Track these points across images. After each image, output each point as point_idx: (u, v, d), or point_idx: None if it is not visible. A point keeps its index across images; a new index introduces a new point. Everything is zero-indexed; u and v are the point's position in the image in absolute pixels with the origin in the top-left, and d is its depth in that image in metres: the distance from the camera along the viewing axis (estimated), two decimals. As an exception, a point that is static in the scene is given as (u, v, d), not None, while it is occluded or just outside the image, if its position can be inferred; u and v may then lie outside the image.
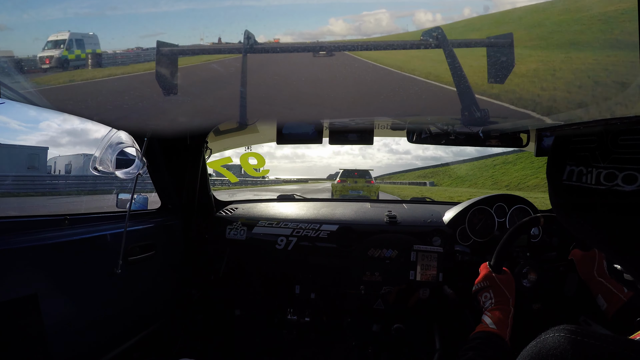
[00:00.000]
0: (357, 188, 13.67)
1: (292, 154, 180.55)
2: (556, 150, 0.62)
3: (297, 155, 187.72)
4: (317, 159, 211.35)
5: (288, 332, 2.02)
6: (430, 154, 58.45)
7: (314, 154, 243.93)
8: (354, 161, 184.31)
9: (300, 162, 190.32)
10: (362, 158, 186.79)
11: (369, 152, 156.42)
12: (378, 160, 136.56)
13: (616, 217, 0.53)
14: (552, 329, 0.48)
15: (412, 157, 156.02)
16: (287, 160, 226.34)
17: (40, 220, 1.28)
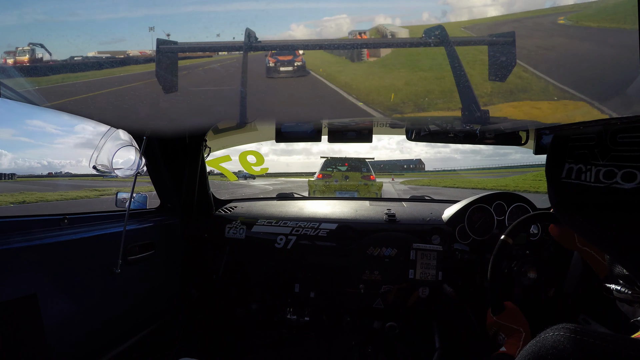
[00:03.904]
0: (349, 187, 8.79)
1: (329, 150, 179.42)
2: (555, 148, 0.62)
3: (333, 151, 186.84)
4: (353, 154, 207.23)
5: (288, 331, 2.02)
6: (467, 147, 56.56)
7: (351, 149, 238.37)
8: (391, 156, 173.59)
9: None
10: (399, 152, 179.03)
11: (407, 145, 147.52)
12: (416, 154, 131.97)
13: (615, 214, 0.53)
14: (552, 328, 0.48)
15: (451, 151, 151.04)
16: (325, 155, 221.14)
17: (39, 220, 1.28)
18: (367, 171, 9.21)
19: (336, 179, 8.83)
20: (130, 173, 1.54)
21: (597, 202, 0.54)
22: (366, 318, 1.87)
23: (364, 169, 9.22)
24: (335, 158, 9.46)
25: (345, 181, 8.82)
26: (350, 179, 8.86)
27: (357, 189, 8.75)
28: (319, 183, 8.82)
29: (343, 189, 8.70)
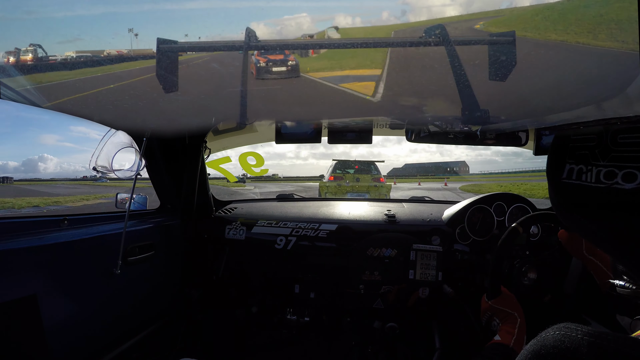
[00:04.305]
0: (360, 189, 9.02)
1: (368, 153, 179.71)
2: (556, 149, 0.62)
3: (372, 154, 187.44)
4: (393, 157, 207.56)
5: (288, 331, 2.02)
6: (509, 150, 56.43)
7: (391, 152, 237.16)
8: (430, 159, 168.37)
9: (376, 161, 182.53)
10: (439, 155, 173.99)
11: (447, 148, 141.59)
12: (457, 157, 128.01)
13: (616, 215, 0.53)
14: (552, 327, 0.48)
15: (492, 153, 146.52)
16: (363, 159, 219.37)
17: (39, 221, 1.28)
18: (377, 173, 9.53)
19: (348, 180, 9.13)
20: (130, 174, 1.54)
21: (598, 203, 0.54)
22: (366, 318, 1.87)
23: (374, 171, 9.57)
24: (345, 161, 9.82)
25: (356, 183, 9.10)
26: (361, 180, 9.15)
27: (368, 190, 8.99)
28: (331, 185, 9.13)
29: (355, 190, 8.93)
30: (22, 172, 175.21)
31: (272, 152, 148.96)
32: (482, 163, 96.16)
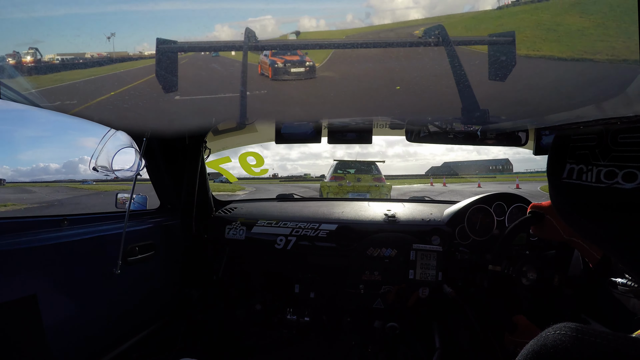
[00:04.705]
0: (361, 189, 8.96)
1: (404, 152, 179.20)
2: (556, 149, 0.62)
3: (409, 154, 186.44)
4: (429, 156, 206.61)
5: (288, 331, 2.02)
6: None
7: (427, 151, 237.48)
8: (467, 157, 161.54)
9: (413, 160, 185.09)
10: (477, 154, 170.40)
11: (484, 147, 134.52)
12: (494, 155, 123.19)
13: (616, 215, 0.53)
14: (553, 327, 0.48)
15: (530, 151, 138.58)
16: (400, 159, 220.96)
17: (39, 221, 1.28)
18: (378, 173, 9.48)
19: (349, 181, 9.06)
20: (130, 174, 1.54)
21: (598, 203, 0.54)
22: (366, 319, 1.87)
23: (374, 171, 9.51)
24: (346, 161, 9.81)
25: (357, 183, 9.04)
26: (362, 180, 9.10)
27: (369, 190, 8.94)
28: (332, 185, 9.02)
29: (356, 190, 8.87)
30: (63, 174, 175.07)
31: (308, 152, 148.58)
32: (521, 161, 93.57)
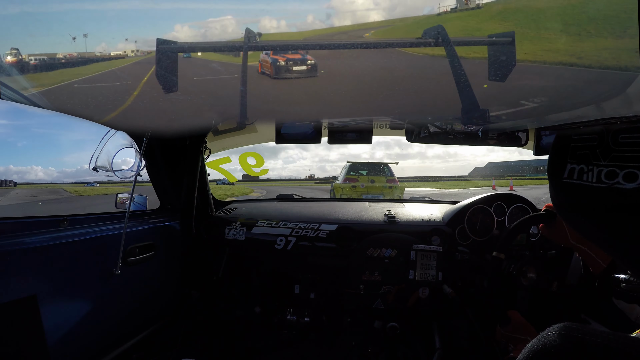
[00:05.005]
0: (375, 191, 8.91)
1: (444, 153, 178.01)
2: (557, 149, 0.62)
3: (449, 155, 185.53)
4: (470, 157, 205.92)
5: (288, 332, 2.02)
6: None
7: (467, 152, 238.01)
8: (509, 157, 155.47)
9: (453, 161, 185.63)
10: (518, 154, 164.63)
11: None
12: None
13: (617, 215, 0.53)
14: (553, 327, 0.48)
15: None
16: (440, 159, 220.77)
17: (39, 221, 1.28)
18: (391, 175, 9.52)
19: (362, 182, 9.09)
20: (130, 174, 1.54)
21: (599, 203, 0.54)
22: (366, 319, 1.86)
23: (387, 173, 9.56)
24: (359, 162, 9.81)
25: (371, 185, 9.06)
26: (375, 182, 9.11)
27: (383, 192, 8.95)
28: (345, 187, 9.03)
29: (369, 192, 8.87)
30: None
31: (347, 153, 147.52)
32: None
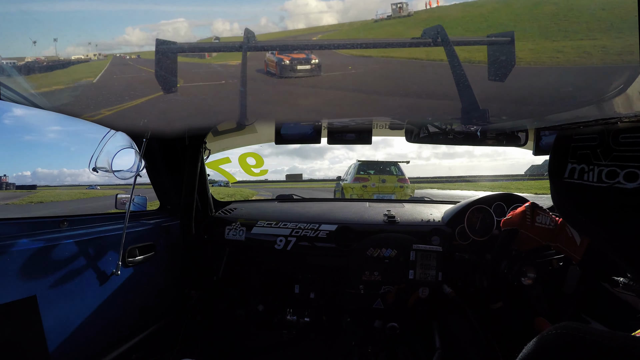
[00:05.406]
0: (387, 190, 8.56)
1: (493, 152, 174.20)
2: (557, 149, 0.62)
3: (497, 153, 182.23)
4: (519, 155, 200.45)
5: (288, 332, 2.02)
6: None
7: (516, 150, 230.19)
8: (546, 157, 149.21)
9: (502, 160, 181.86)
10: None
11: None
12: None
13: (618, 214, 0.53)
14: (553, 326, 0.48)
15: None
16: (488, 158, 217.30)
17: (39, 222, 1.28)
18: (401, 174, 9.03)
19: (373, 182, 8.60)
20: (130, 175, 1.54)
21: (599, 202, 0.54)
22: (366, 319, 1.86)
23: (397, 172, 9.07)
24: (369, 162, 9.33)
25: (382, 184, 8.60)
26: (387, 182, 8.65)
27: (394, 191, 8.54)
28: (355, 186, 8.57)
29: (380, 191, 8.49)
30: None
31: (394, 153, 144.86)
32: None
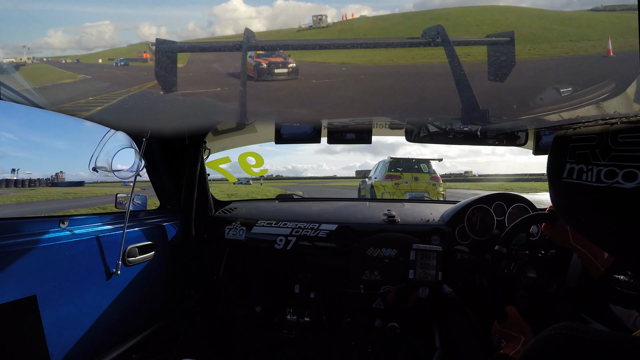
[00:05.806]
0: (419, 189, 8.12)
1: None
2: (556, 149, 0.62)
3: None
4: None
5: (288, 331, 2.02)
6: None
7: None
8: None
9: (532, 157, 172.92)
10: None
11: None
12: None
13: (616, 214, 0.53)
14: (553, 327, 0.48)
15: None
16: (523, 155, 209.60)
17: (39, 222, 1.28)
18: (433, 172, 8.73)
19: (406, 180, 8.29)
20: (130, 175, 1.54)
21: (598, 202, 0.54)
22: (366, 318, 1.86)
23: (429, 169, 8.76)
24: (401, 159, 9.00)
25: (415, 182, 8.31)
26: (419, 180, 8.35)
27: (427, 190, 8.26)
28: (387, 184, 8.26)
29: (413, 190, 8.18)
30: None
31: (441, 150, 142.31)
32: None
